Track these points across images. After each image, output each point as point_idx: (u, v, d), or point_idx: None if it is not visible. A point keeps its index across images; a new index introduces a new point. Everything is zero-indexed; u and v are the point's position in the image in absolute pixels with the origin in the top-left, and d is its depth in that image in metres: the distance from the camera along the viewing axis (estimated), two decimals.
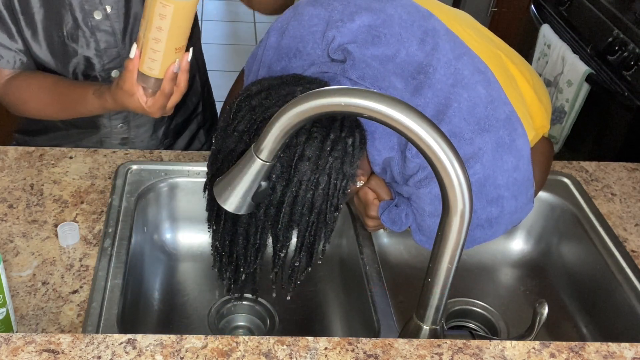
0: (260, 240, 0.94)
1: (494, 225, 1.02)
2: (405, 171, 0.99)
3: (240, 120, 0.91)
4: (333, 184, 0.90)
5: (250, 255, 0.96)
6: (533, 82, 1.11)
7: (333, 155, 0.88)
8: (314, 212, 0.90)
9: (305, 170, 0.88)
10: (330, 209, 0.91)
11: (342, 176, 0.90)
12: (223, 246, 0.97)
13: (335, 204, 0.91)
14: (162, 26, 1.00)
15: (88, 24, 1.22)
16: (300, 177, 0.88)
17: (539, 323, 0.86)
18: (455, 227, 0.73)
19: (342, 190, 0.91)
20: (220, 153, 0.93)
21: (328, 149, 0.88)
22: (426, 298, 0.79)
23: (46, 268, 1.03)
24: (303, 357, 0.78)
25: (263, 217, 0.91)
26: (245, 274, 0.99)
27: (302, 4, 1.07)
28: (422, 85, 0.98)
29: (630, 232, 1.22)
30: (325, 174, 0.89)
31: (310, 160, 0.88)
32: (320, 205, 0.90)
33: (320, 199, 0.90)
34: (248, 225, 0.93)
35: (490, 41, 1.11)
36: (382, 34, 1.01)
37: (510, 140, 0.99)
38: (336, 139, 0.89)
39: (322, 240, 0.94)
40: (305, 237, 0.93)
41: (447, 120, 0.96)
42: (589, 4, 2.14)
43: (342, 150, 0.89)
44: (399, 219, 1.03)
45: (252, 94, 0.93)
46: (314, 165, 0.88)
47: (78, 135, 1.39)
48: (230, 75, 1.46)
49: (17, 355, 0.75)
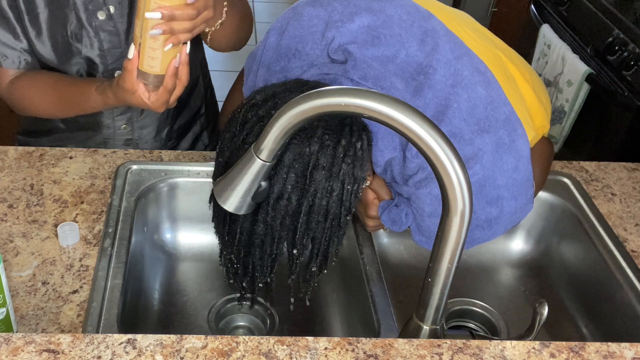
0: (277, 250, 0.94)
1: (494, 225, 1.02)
2: (405, 171, 0.99)
3: (249, 132, 0.90)
4: (346, 189, 0.90)
5: (267, 265, 0.96)
6: (533, 82, 1.11)
7: (346, 162, 0.89)
8: (329, 219, 0.91)
9: (321, 179, 0.88)
10: (343, 213, 0.92)
11: (354, 180, 0.91)
12: (238, 258, 0.97)
13: (348, 208, 0.92)
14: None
15: (92, 24, 1.22)
16: (316, 187, 0.88)
17: (539, 323, 0.86)
18: (455, 227, 0.73)
19: (355, 194, 0.92)
20: (228, 165, 0.91)
21: (341, 156, 0.88)
22: (426, 298, 0.79)
23: (46, 268, 1.03)
24: (303, 357, 0.78)
25: (279, 228, 0.91)
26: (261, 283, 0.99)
27: (302, 4, 1.06)
28: (422, 86, 0.98)
29: (630, 232, 1.22)
30: (339, 181, 0.89)
31: (324, 169, 0.88)
32: (335, 211, 0.91)
33: (334, 205, 0.90)
34: (264, 236, 0.93)
35: (490, 41, 1.11)
36: (382, 34, 1.00)
37: (510, 140, 0.99)
38: (347, 145, 0.89)
39: (335, 244, 0.95)
40: (321, 243, 0.93)
41: (447, 121, 0.97)
42: (589, 4, 2.14)
43: (353, 155, 0.90)
44: (399, 218, 1.03)
45: (259, 104, 0.92)
46: (328, 173, 0.88)
47: (81, 137, 1.39)
48: (230, 75, 1.46)
49: (17, 355, 0.75)
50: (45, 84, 1.25)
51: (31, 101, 1.27)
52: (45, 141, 1.40)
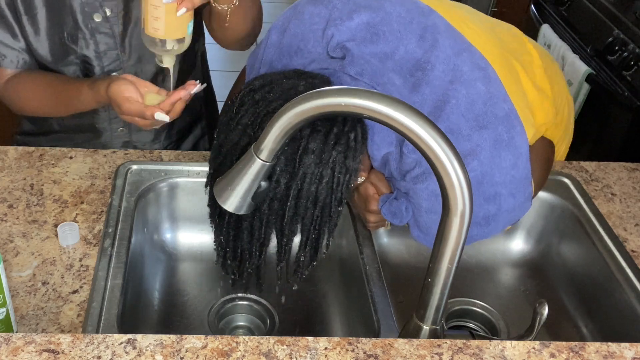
0: (264, 234, 0.95)
1: (491, 222, 1.02)
2: (402, 167, 0.99)
3: (243, 114, 0.92)
4: (337, 177, 0.90)
5: (255, 249, 0.96)
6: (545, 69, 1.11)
7: (337, 149, 0.89)
8: (318, 206, 0.91)
9: (310, 163, 0.88)
10: (334, 202, 0.92)
11: (346, 170, 0.91)
12: (227, 241, 0.97)
13: (339, 198, 0.92)
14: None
15: (88, 26, 1.22)
16: (304, 170, 0.88)
17: (539, 323, 0.86)
18: (455, 227, 0.73)
19: (346, 184, 0.92)
20: (223, 147, 0.94)
21: (332, 143, 0.89)
22: (426, 298, 0.79)
23: (46, 268, 1.03)
24: (303, 357, 0.78)
25: (267, 211, 0.92)
26: (250, 269, 0.99)
27: (303, 2, 1.07)
28: (420, 82, 0.98)
29: (630, 232, 1.22)
30: (329, 168, 0.89)
31: (314, 154, 0.88)
32: (325, 199, 0.91)
33: (324, 193, 0.90)
34: (252, 219, 0.93)
35: (494, 35, 1.10)
36: (381, 31, 1.01)
37: (509, 137, 0.98)
38: (339, 133, 0.90)
39: (325, 235, 0.95)
40: (310, 231, 0.93)
41: (445, 117, 0.97)
42: (589, 4, 2.14)
43: (345, 144, 0.90)
44: (400, 211, 1.03)
45: (255, 88, 0.93)
46: (318, 159, 0.88)
47: (79, 139, 1.38)
48: (230, 76, 1.46)
49: (17, 355, 0.75)
50: (40, 83, 1.25)
51: (26, 100, 1.27)
52: (44, 141, 1.40)
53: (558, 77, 1.20)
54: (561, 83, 1.22)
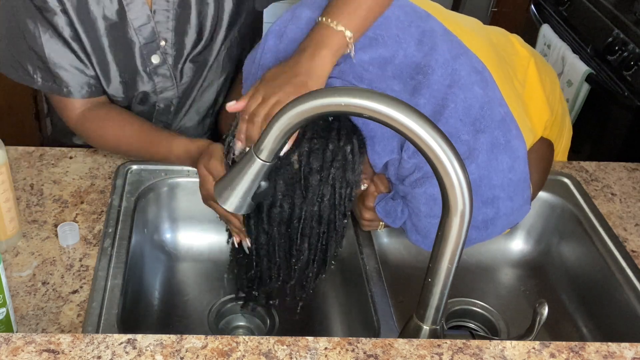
0: (279, 258, 0.97)
1: (490, 226, 1.02)
2: (401, 172, 0.99)
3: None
4: (338, 193, 0.91)
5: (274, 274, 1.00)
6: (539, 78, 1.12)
7: (335, 166, 0.89)
8: (323, 223, 0.91)
9: (309, 185, 0.89)
10: (338, 217, 0.93)
11: (346, 184, 0.91)
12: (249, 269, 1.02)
13: (343, 212, 0.93)
14: None
15: (146, 70, 1.20)
16: (305, 193, 0.89)
17: (539, 323, 0.85)
18: (455, 227, 0.73)
19: (348, 197, 0.93)
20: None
21: (329, 160, 0.89)
22: (426, 298, 0.79)
23: (46, 268, 1.03)
24: (303, 357, 0.77)
25: (277, 236, 0.94)
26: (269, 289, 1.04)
27: (300, 7, 1.06)
28: (420, 86, 0.98)
29: (630, 232, 1.22)
30: (329, 185, 0.90)
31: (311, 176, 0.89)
32: (329, 215, 0.91)
33: (327, 210, 0.91)
34: (268, 246, 0.96)
35: (487, 38, 1.11)
36: (380, 35, 1.01)
37: (506, 140, 0.99)
38: (335, 149, 0.90)
39: (333, 247, 0.96)
40: (317, 248, 0.94)
41: (444, 121, 0.97)
42: (589, 4, 2.14)
43: (342, 159, 0.90)
44: (394, 211, 1.03)
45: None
46: (317, 180, 0.89)
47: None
48: None
49: (17, 355, 0.75)
50: (127, 121, 1.21)
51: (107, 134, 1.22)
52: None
53: (549, 74, 1.21)
54: (553, 81, 1.22)
